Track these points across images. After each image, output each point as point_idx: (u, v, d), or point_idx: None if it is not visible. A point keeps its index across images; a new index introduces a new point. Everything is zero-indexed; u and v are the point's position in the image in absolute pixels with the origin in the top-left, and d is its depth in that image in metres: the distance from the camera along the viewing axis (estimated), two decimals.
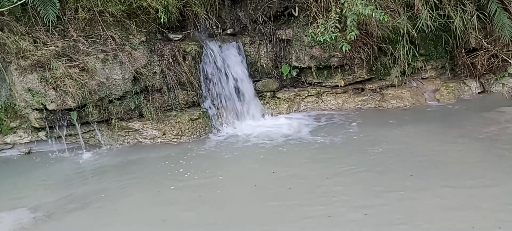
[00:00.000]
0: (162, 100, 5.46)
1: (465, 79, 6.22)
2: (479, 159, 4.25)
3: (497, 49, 5.98)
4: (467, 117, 5.37)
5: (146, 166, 4.62)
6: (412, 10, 5.62)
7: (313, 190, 3.89)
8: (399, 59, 5.93)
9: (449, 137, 4.83)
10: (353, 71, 6.00)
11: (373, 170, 4.18)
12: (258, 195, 3.91)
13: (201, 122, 5.46)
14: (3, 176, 4.59)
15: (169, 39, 5.62)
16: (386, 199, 3.66)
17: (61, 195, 4.10)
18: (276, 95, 6.07)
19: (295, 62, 6.04)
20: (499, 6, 5.63)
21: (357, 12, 5.02)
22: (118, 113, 5.20)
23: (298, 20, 5.97)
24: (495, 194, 3.60)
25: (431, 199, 3.60)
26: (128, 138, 5.27)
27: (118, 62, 5.13)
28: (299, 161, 4.55)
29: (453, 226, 3.25)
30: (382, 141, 4.84)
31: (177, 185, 4.20)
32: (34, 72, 4.76)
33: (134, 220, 3.64)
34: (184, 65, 5.50)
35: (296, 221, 3.44)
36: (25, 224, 3.63)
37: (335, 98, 6.04)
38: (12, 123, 5.03)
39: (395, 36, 5.81)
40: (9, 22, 4.79)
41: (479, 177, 3.91)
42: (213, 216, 3.61)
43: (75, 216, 3.73)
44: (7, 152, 5.14)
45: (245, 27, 6.16)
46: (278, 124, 5.59)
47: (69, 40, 4.97)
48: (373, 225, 3.31)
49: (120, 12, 5.11)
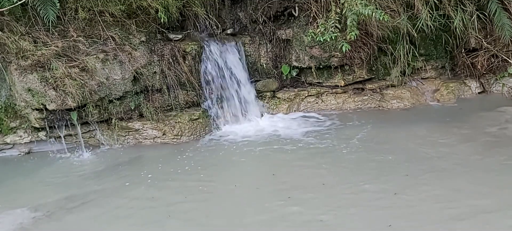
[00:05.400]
0: (162, 100, 5.45)
1: (465, 79, 6.22)
2: (479, 159, 4.26)
3: (497, 49, 5.98)
4: (467, 117, 5.38)
5: (146, 166, 4.62)
6: (412, 10, 5.61)
7: (311, 191, 3.89)
8: (399, 59, 5.93)
9: (449, 137, 4.83)
10: (353, 71, 6.00)
11: (373, 170, 4.18)
12: (258, 196, 3.92)
13: (201, 122, 5.46)
14: (3, 176, 4.59)
15: (169, 39, 5.62)
16: (384, 199, 3.66)
17: (61, 195, 4.10)
18: (276, 95, 6.07)
19: (295, 62, 6.03)
20: (499, 6, 5.63)
21: (357, 12, 5.02)
22: (118, 113, 5.20)
23: (298, 20, 5.97)
24: (495, 194, 3.60)
25: (430, 199, 3.60)
26: (128, 138, 5.27)
27: (118, 62, 5.13)
28: (299, 161, 4.55)
29: (453, 226, 3.25)
30: (381, 141, 4.85)
31: (177, 184, 4.20)
32: (34, 72, 4.76)
33: (134, 220, 3.64)
34: (184, 65, 5.50)
35: (293, 223, 3.44)
36: (25, 224, 3.63)
37: (335, 98, 6.04)
38: (12, 123, 5.03)
39: (395, 36, 5.81)
40: (9, 22, 4.79)
41: (479, 177, 3.92)
42: (213, 216, 3.62)
43: (75, 216, 3.73)
44: (7, 152, 5.14)
45: (245, 27, 6.16)
46: (278, 124, 5.58)
47: (69, 40, 4.97)
48: (370, 227, 3.31)
49: (120, 12, 5.11)
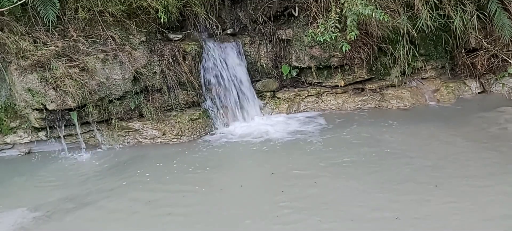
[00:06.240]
0: (162, 100, 5.46)
1: (465, 79, 6.22)
2: (479, 159, 4.25)
3: (497, 49, 5.98)
4: (467, 117, 5.37)
5: (146, 166, 4.62)
6: (412, 10, 5.61)
7: (310, 191, 3.89)
8: (399, 59, 5.93)
9: (449, 137, 4.83)
10: (353, 71, 6.00)
11: (372, 170, 4.18)
12: (258, 195, 3.92)
13: (201, 122, 5.46)
14: (3, 176, 4.59)
15: (169, 39, 5.62)
16: (381, 200, 3.66)
17: (61, 195, 4.11)
18: (276, 95, 6.07)
19: (295, 62, 6.03)
20: (499, 6, 5.63)
21: (357, 12, 5.02)
22: (118, 113, 5.20)
23: (298, 20, 5.96)
24: (495, 194, 3.60)
25: (430, 199, 3.60)
26: (128, 138, 5.27)
27: (118, 62, 5.13)
28: (299, 161, 4.54)
29: (452, 227, 3.25)
30: (381, 141, 4.85)
31: (177, 184, 4.20)
32: (34, 72, 4.76)
33: (134, 220, 3.64)
34: (184, 65, 5.50)
35: (294, 223, 3.44)
36: (25, 224, 3.64)
37: (335, 98, 6.04)
38: (12, 123, 5.03)
39: (395, 36, 5.81)
40: (9, 22, 4.79)
41: (479, 177, 3.92)
42: (213, 216, 3.62)
43: (75, 216, 3.73)
44: (7, 152, 5.14)
45: (245, 27, 6.16)
46: (278, 124, 5.58)
47: (69, 40, 4.96)
48: (368, 228, 3.32)
49: (120, 12, 5.11)
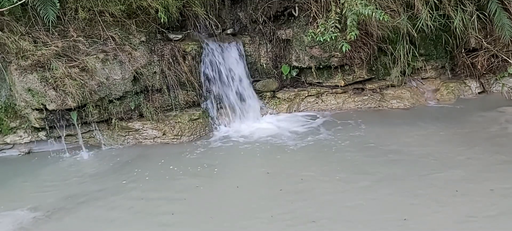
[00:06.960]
0: (162, 100, 5.46)
1: (465, 79, 6.22)
2: (479, 159, 4.25)
3: (497, 49, 5.98)
4: (467, 117, 5.37)
5: (146, 166, 4.62)
6: (412, 10, 5.61)
7: (309, 191, 3.89)
8: (399, 59, 5.93)
9: (449, 137, 4.83)
10: (353, 71, 6.00)
11: (372, 171, 4.18)
12: (258, 195, 3.92)
13: (201, 122, 5.46)
14: (3, 176, 4.59)
15: (169, 39, 5.62)
16: (381, 200, 3.66)
17: (60, 195, 4.11)
18: (276, 95, 6.07)
19: (295, 62, 6.03)
20: (499, 6, 5.63)
21: (357, 12, 5.02)
22: (118, 113, 5.20)
23: (298, 20, 5.96)
24: (495, 194, 3.60)
25: (429, 200, 3.60)
26: (128, 138, 5.27)
27: (118, 62, 5.13)
28: (299, 161, 4.55)
29: (451, 227, 3.25)
30: (381, 141, 4.84)
31: (177, 184, 4.20)
32: (34, 72, 4.76)
33: (134, 220, 3.64)
34: (184, 65, 5.50)
35: (294, 224, 3.44)
36: (25, 224, 3.64)
37: (335, 98, 6.04)
38: (12, 123, 5.03)
39: (395, 36, 5.81)
40: (9, 22, 4.79)
41: (479, 177, 3.92)
42: (213, 215, 3.62)
43: (75, 216, 3.73)
44: (7, 152, 5.14)
45: (245, 27, 6.16)
46: (278, 124, 5.58)
47: (69, 40, 4.96)
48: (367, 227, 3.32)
49: (120, 12, 5.11)
